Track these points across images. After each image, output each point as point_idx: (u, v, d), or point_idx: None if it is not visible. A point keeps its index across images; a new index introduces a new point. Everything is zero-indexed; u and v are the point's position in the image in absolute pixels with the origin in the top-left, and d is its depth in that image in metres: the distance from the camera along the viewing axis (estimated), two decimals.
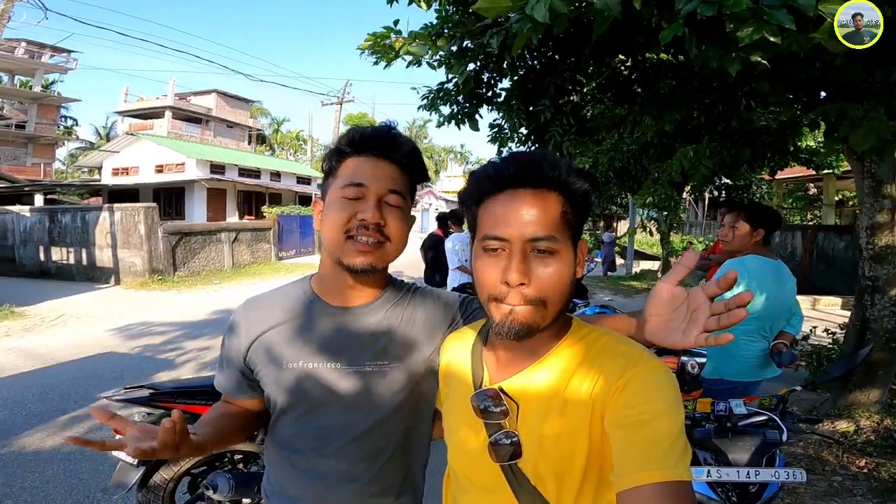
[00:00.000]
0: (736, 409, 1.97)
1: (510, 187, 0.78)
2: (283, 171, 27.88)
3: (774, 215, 2.58)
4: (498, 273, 0.77)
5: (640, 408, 0.70)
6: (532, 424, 0.80)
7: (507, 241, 0.76)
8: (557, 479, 0.78)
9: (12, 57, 24.64)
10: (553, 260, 0.76)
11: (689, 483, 0.67)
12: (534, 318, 0.77)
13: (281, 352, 1.03)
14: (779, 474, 1.85)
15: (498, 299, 0.77)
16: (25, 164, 24.49)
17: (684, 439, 0.69)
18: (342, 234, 0.96)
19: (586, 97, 4.62)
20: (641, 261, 17.11)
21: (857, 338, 3.78)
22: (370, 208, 0.95)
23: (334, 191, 0.99)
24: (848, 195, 15.84)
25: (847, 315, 7.29)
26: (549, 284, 0.76)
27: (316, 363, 1.01)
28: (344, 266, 0.97)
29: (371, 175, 0.97)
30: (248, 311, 1.08)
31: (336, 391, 1.01)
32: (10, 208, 14.01)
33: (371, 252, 0.96)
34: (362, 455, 1.02)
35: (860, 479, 3.04)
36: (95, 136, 34.85)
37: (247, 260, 15.24)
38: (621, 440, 0.70)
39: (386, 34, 3.37)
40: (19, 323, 7.59)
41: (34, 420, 3.99)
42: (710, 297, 0.75)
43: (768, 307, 2.38)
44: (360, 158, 0.99)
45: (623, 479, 0.67)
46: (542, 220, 0.76)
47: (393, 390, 1.03)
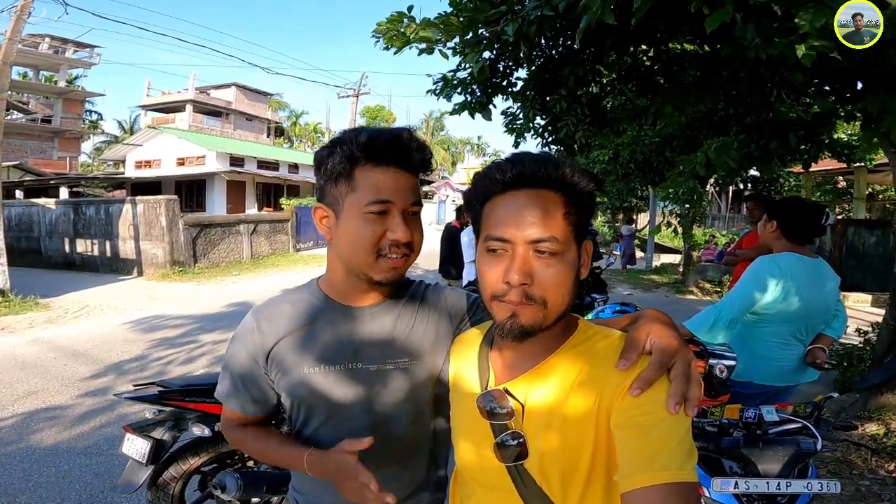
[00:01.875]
0: (767, 417, 1.86)
1: (513, 188, 0.78)
2: (301, 163, 28.10)
3: (795, 206, 2.37)
4: (500, 273, 0.77)
5: (645, 407, 0.70)
6: (538, 425, 0.80)
7: (510, 242, 0.77)
8: (563, 480, 0.78)
9: (37, 52, 25.16)
10: (555, 261, 0.76)
11: (695, 484, 0.66)
12: (535, 319, 0.77)
13: (298, 359, 1.01)
14: (812, 486, 1.74)
15: (499, 298, 0.78)
16: (52, 157, 25.05)
17: (690, 440, 0.69)
18: (373, 253, 0.94)
19: (606, 88, 4.48)
20: (662, 254, 16.83)
21: (891, 338, 3.65)
22: (401, 227, 0.94)
23: (355, 205, 0.93)
24: (879, 188, 15.33)
25: (876, 312, 7.06)
26: (550, 285, 0.76)
27: (335, 365, 1.01)
28: (373, 281, 0.97)
29: (396, 190, 0.94)
30: (260, 321, 1.05)
31: (357, 392, 1.01)
32: (35, 201, 14.35)
33: (401, 266, 0.97)
34: (392, 456, 1.03)
35: (889, 483, 2.93)
36: (119, 130, 35.50)
37: (265, 251, 15.37)
38: (627, 440, 0.70)
39: (399, 18, 3.28)
40: (43, 314, 7.75)
41: (50, 414, 4.03)
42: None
43: (803, 309, 2.21)
44: (379, 170, 0.93)
45: (628, 480, 0.67)
46: (545, 222, 0.76)
47: (415, 387, 1.03)
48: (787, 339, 2.28)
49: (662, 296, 9.99)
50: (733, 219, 20.11)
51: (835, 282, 2.33)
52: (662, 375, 0.73)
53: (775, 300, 2.19)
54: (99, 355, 5.62)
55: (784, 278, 2.18)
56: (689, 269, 10.92)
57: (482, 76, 3.50)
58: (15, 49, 8.97)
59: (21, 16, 8.55)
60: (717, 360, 1.90)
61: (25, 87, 25.91)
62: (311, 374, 1.01)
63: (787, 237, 2.32)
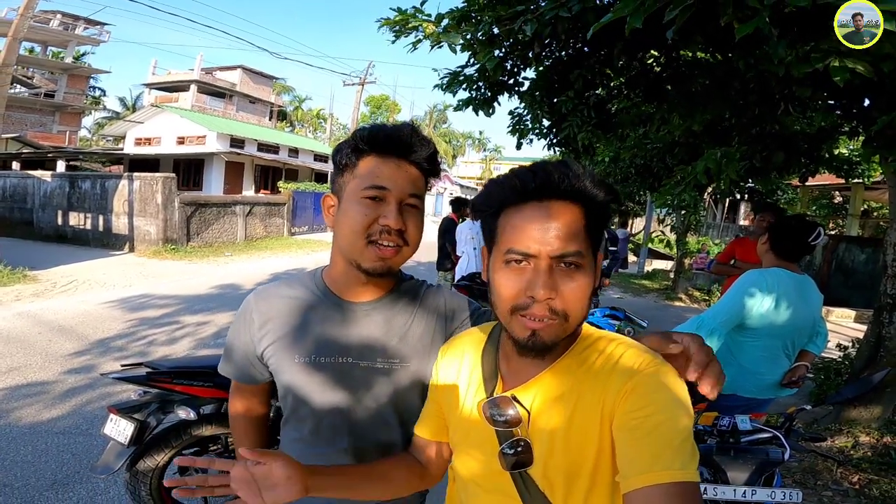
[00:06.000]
0: (741, 425, 1.94)
1: (534, 199, 0.76)
2: (301, 148, 27.97)
3: (788, 223, 2.36)
4: (521, 286, 0.75)
5: (647, 409, 0.70)
6: (542, 432, 0.80)
7: (535, 256, 0.75)
8: (566, 486, 0.78)
9: (47, 28, 24.89)
10: (579, 274, 0.75)
11: (697, 484, 0.67)
12: (557, 333, 0.76)
13: (292, 346, 1.03)
14: (775, 495, 1.83)
15: (521, 311, 0.76)
16: (51, 131, 24.82)
17: (692, 441, 0.69)
18: (363, 238, 0.95)
19: (613, 92, 4.47)
20: (654, 260, 16.88)
21: (870, 354, 3.72)
22: (392, 213, 0.94)
23: (353, 191, 0.96)
24: (874, 206, 15.40)
25: (858, 328, 7.13)
26: (574, 298, 0.75)
27: (326, 357, 1.02)
28: (361, 269, 0.97)
29: (393, 178, 0.95)
30: (260, 302, 1.08)
31: (346, 386, 1.02)
32: (31, 173, 14.21)
33: (391, 256, 0.97)
34: (375, 455, 1.04)
35: (851, 495, 2.99)
36: (122, 107, 35.13)
37: (260, 233, 15.31)
38: (629, 442, 0.70)
39: (411, 16, 3.25)
40: (31, 287, 7.67)
41: (31, 391, 3.96)
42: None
43: (791, 324, 2.23)
44: (380, 159, 0.96)
45: (630, 481, 0.67)
46: (569, 235, 0.74)
47: (403, 388, 1.04)
48: (775, 354, 2.30)
49: (652, 301, 10.03)
50: (728, 228, 20.18)
51: (819, 299, 2.36)
52: (675, 374, 0.75)
53: (764, 315, 2.20)
54: (84, 332, 5.56)
55: (772, 293, 2.18)
56: (680, 276, 10.96)
57: (496, 74, 3.49)
58: (27, 25, 8.84)
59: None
60: None
61: (32, 61, 25.68)
62: (300, 364, 1.02)
63: (775, 252, 2.33)
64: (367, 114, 43.58)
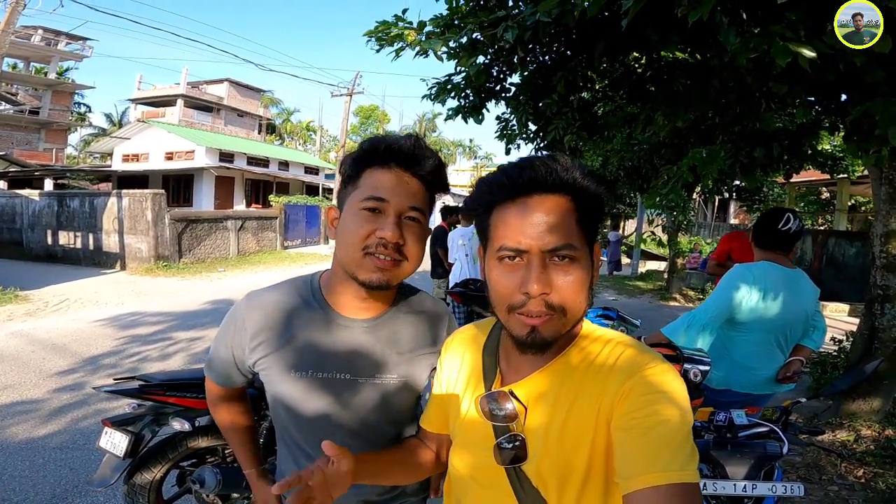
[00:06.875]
0: (737, 420, 1.92)
1: (523, 194, 0.75)
2: (292, 161, 27.94)
3: (762, 217, 2.40)
4: (516, 283, 0.75)
5: (646, 409, 0.70)
6: (538, 428, 0.80)
7: (526, 251, 0.74)
8: (559, 482, 0.78)
9: (29, 44, 24.81)
10: (573, 267, 0.75)
11: (697, 485, 0.66)
12: (556, 329, 0.76)
13: (287, 359, 1.00)
14: (776, 488, 1.79)
15: (518, 310, 0.75)
16: (38, 148, 24.66)
17: (692, 441, 0.69)
18: (360, 249, 0.93)
19: (597, 94, 4.52)
20: (648, 261, 16.98)
21: (865, 347, 3.73)
22: (390, 226, 0.92)
23: (353, 202, 0.95)
24: (861, 200, 15.59)
25: (853, 322, 7.19)
26: (569, 292, 0.74)
27: (324, 373, 1.00)
28: (359, 281, 0.95)
29: (393, 189, 0.93)
30: (252, 309, 1.04)
31: (343, 404, 1.01)
32: (19, 192, 14.12)
33: (387, 270, 0.94)
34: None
35: (857, 489, 2.98)
36: (108, 123, 34.97)
37: (252, 248, 15.27)
38: (627, 442, 0.69)
39: (393, 24, 3.28)
40: (23, 307, 7.62)
41: (26, 408, 3.96)
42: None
43: (781, 317, 2.23)
44: (382, 170, 0.95)
45: (630, 482, 0.67)
46: (560, 228, 0.74)
47: (399, 404, 1.05)
48: (767, 349, 2.29)
49: (646, 302, 10.07)
50: (719, 227, 20.35)
51: (814, 293, 2.35)
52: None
53: (753, 308, 2.21)
54: (77, 349, 5.53)
55: (758, 285, 2.20)
56: (674, 276, 11.03)
57: (480, 80, 3.51)
58: (7, 41, 8.83)
59: (16, 7, 8.41)
60: (692, 365, 1.93)
61: (14, 77, 25.51)
62: (298, 377, 1.00)
63: (758, 245, 2.36)
64: (356, 124, 43.67)
